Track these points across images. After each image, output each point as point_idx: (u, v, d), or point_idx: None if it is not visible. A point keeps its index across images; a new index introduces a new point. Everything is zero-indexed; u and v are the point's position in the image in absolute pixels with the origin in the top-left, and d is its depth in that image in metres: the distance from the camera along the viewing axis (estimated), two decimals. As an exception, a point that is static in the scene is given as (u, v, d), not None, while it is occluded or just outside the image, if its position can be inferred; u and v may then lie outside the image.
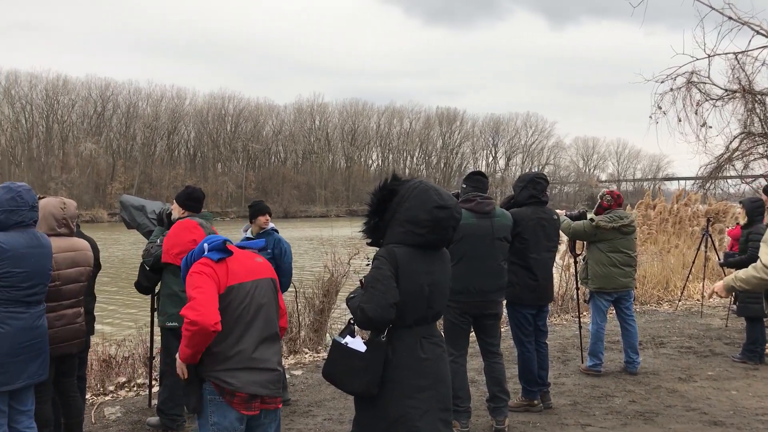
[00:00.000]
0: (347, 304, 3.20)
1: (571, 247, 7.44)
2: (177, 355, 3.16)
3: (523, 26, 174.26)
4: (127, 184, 74.02)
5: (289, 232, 6.61)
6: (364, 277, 3.17)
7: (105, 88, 78.63)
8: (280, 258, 6.29)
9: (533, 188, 5.63)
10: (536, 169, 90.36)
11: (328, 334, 8.96)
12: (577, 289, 7.82)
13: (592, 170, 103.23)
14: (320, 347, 8.44)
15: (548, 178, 6.05)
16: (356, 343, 3.09)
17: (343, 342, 3.14)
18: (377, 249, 3.24)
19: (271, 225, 6.68)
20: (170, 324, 5.25)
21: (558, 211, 6.31)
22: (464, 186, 5.24)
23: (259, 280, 3.28)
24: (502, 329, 7.43)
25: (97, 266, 4.95)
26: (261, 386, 3.17)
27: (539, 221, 5.56)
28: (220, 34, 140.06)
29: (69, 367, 4.60)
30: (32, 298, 3.92)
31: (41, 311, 4.01)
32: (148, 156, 79.87)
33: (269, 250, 6.50)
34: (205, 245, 3.19)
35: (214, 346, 3.11)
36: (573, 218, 6.85)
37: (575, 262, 7.59)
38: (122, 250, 30.52)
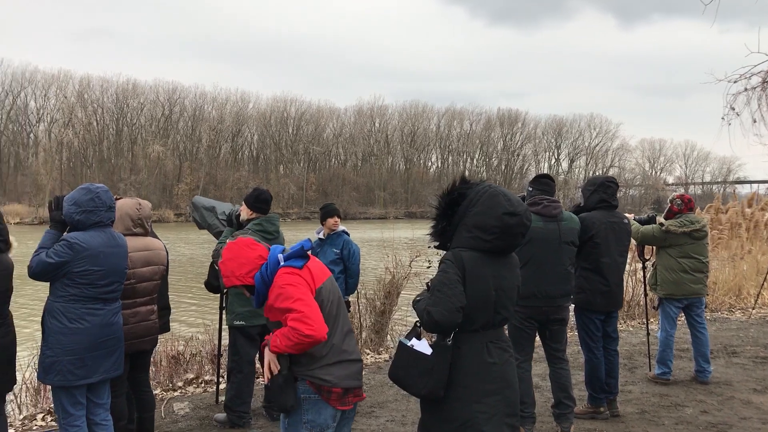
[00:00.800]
0: (413, 307, 3.20)
1: (640, 252, 7.25)
2: (267, 349, 3.11)
3: (591, 25, 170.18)
4: (193, 185, 76.00)
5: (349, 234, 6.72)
6: (430, 280, 3.17)
7: (172, 91, 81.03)
8: (348, 259, 6.37)
9: (603, 192, 5.53)
10: (600, 172, 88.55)
11: (389, 336, 9.00)
12: (646, 295, 7.61)
13: (658, 173, 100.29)
14: (381, 348, 8.48)
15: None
16: (422, 346, 3.10)
17: (409, 344, 3.15)
18: (443, 252, 3.23)
19: (341, 227, 6.79)
20: (237, 323, 5.39)
21: (626, 215, 6.17)
22: (530, 189, 5.18)
23: (330, 276, 3.31)
24: (568, 334, 7.31)
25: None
26: (353, 378, 3.17)
27: (610, 225, 5.46)
28: (283, 38, 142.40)
29: (142, 362, 4.77)
30: (109, 296, 4.07)
31: (117, 308, 4.17)
32: (213, 158, 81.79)
33: (337, 251, 6.60)
34: (280, 256, 3.17)
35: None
36: (642, 222, 6.67)
37: (644, 268, 7.40)
38: (191, 249, 31.32)
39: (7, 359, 4.22)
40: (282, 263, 3.14)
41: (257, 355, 5.62)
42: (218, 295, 5.93)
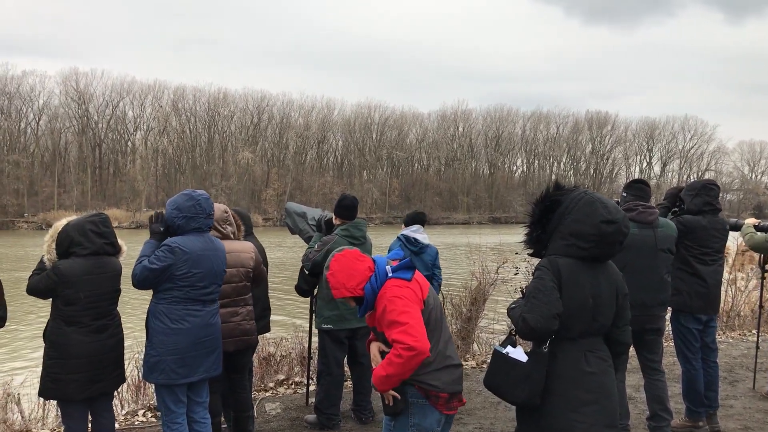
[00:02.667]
0: (508, 314, 3.18)
1: (760, 262, 6.84)
2: (377, 383, 3.13)
3: (695, 21, 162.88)
4: (280, 190, 77.94)
5: (432, 239, 6.69)
6: (525, 287, 3.14)
7: (261, 100, 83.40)
8: (433, 268, 6.45)
9: (707, 195, 5.34)
10: (695, 176, 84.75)
11: (475, 344, 8.93)
12: (761, 306, 7.20)
13: (759, 177, 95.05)
14: (468, 355, 8.42)
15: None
16: (518, 353, 3.08)
17: (504, 352, 3.13)
18: (532, 258, 3.19)
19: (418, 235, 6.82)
20: (325, 326, 5.49)
21: (748, 220, 5.94)
22: (625, 194, 5.05)
23: (430, 285, 3.34)
24: (665, 344, 7.04)
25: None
26: (457, 383, 3.20)
27: (711, 230, 5.26)
28: (370, 44, 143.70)
29: (238, 363, 4.92)
30: (207, 297, 4.24)
31: (215, 310, 4.34)
32: (299, 164, 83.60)
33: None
34: (388, 267, 3.21)
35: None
36: (761, 229, 6.30)
37: (762, 278, 6.99)
38: (281, 253, 32.04)
39: (115, 358, 4.47)
40: (390, 275, 3.17)
41: (345, 358, 5.70)
42: (308, 298, 6.07)
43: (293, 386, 6.97)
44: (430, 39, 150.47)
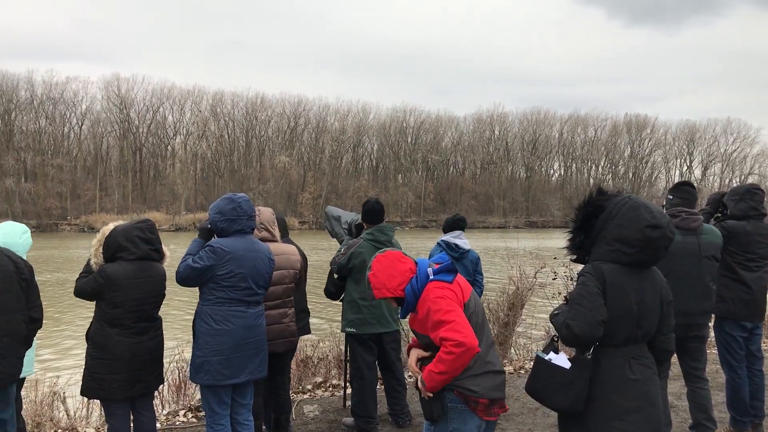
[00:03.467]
0: (551, 321, 3.15)
1: None
2: (421, 380, 3.14)
3: (744, 21, 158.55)
4: (316, 194, 78.47)
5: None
6: (569, 293, 3.11)
7: (297, 104, 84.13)
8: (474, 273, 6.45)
9: (751, 199, 5.22)
10: (738, 179, 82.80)
11: (512, 349, 8.86)
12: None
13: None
14: (505, 360, 8.36)
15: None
16: (560, 360, 3.04)
17: (546, 358, 3.11)
18: (571, 263, 3.16)
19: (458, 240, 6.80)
20: (349, 330, 5.50)
21: None
22: (670, 197, 4.96)
23: (472, 290, 3.33)
24: (708, 351, 6.90)
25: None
26: (498, 390, 3.17)
27: (756, 235, 5.15)
28: (405, 47, 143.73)
29: (280, 365, 4.97)
30: (251, 298, 4.30)
31: (260, 311, 4.39)
32: (335, 168, 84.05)
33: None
34: (429, 270, 3.21)
35: None
36: None
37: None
38: (317, 255, 32.07)
39: (155, 359, 4.56)
40: (432, 277, 3.17)
41: (376, 361, 5.69)
42: (336, 301, 6.09)
43: (330, 389, 7.01)
44: (468, 41, 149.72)
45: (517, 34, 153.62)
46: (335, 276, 5.67)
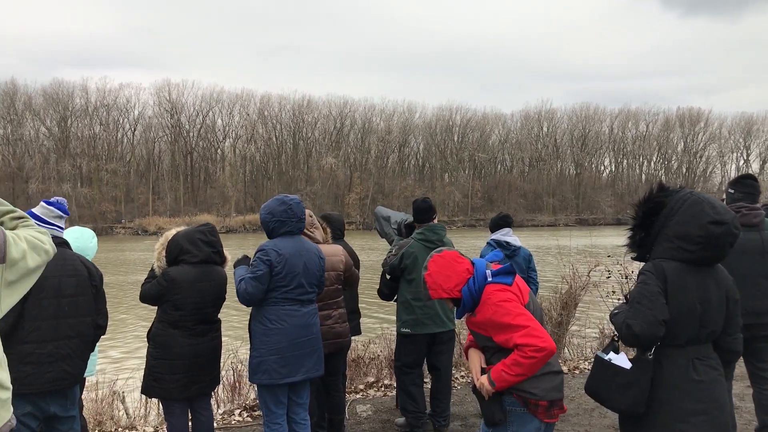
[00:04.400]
0: (611, 320, 3.08)
1: None
2: (486, 377, 3.10)
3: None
4: (362, 194, 78.83)
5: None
6: (629, 292, 3.03)
7: (343, 105, 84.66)
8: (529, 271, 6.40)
9: None
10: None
11: (566, 349, 8.72)
12: None
13: None
14: (559, 360, 8.23)
15: None
16: (621, 360, 2.97)
17: (606, 358, 3.04)
18: (630, 262, 3.07)
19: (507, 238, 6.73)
20: (403, 330, 5.47)
21: None
22: (731, 191, 4.79)
23: (530, 290, 3.28)
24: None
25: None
26: (557, 390, 3.12)
27: None
28: (450, 45, 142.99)
29: (332, 365, 4.99)
30: (304, 297, 4.34)
31: (314, 310, 4.42)
32: (381, 168, 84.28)
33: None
34: (488, 271, 3.17)
35: None
36: None
37: None
38: (365, 256, 32.21)
39: (214, 360, 4.64)
40: (490, 279, 3.13)
41: (424, 359, 5.65)
42: (390, 302, 6.08)
43: (383, 389, 7.01)
44: (513, 37, 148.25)
45: (564, 29, 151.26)
46: (387, 277, 5.66)
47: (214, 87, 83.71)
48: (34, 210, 3.95)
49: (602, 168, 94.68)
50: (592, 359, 8.25)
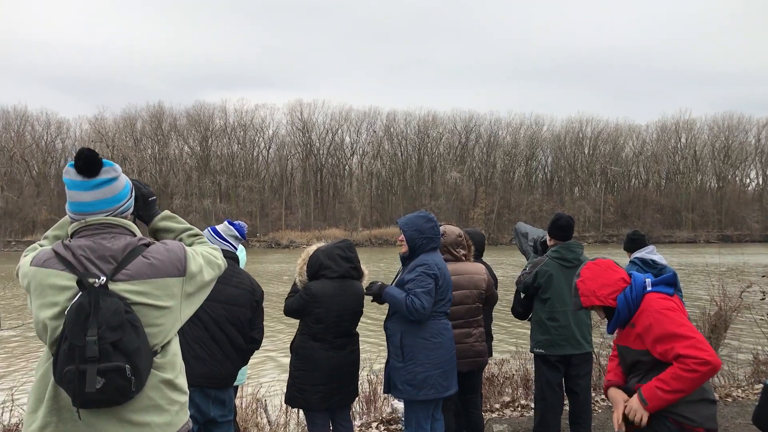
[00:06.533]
0: None
1: None
2: (637, 397, 2.95)
3: None
4: (488, 209, 78.08)
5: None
6: None
7: (468, 119, 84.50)
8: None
9: None
10: None
11: (716, 376, 8.14)
12: None
13: None
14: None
15: None
16: None
17: None
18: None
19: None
20: (537, 350, 5.33)
21: None
22: None
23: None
24: None
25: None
26: (713, 420, 2.95)
27: None
28: (578, 55, 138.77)
29: (470, 383, 4.96)
30: (449, 311, 4.43)
31: (450, 325, 4.49)
32: (507, 182, 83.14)
33: None
34: (647, 280, 3.07)
35: None
36: None
37: None
38: (498, 272, 31.76)
39: (353, 372, 4.74)
40: (650, 288, 3.02)
41: (561, 383, 5.46)
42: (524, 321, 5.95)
43: (519, 408, 6.86)
44: (647, 44, 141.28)
45: (703, 34, 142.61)
46: (521, 295, 5.55)
47: (343, 105, 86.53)
48: (217, 227, 4.29)
49: (747, 181, 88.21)
50: (746, 387, 7.68)
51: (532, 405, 6.40)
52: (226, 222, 4.34)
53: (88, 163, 2.31)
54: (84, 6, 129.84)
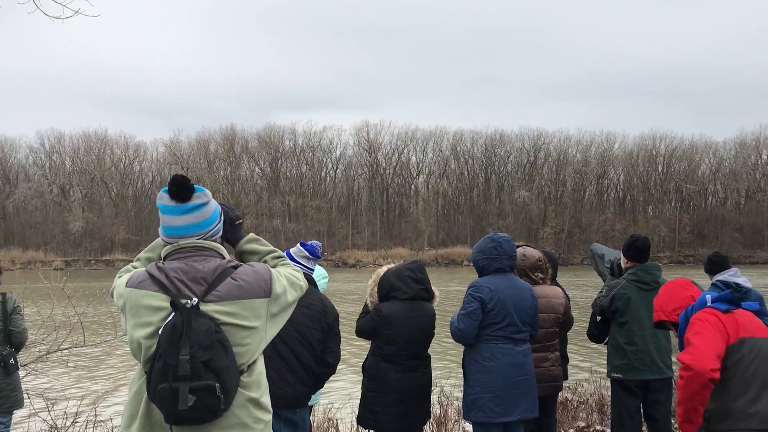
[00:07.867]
0: None
1: None
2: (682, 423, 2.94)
3: None
4: (558, 228, 76.62)
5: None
6: None
7: (537, 138, 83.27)
8: None
9: None
10: None
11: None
12: None
13: None
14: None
15: None
16: None
17: None
18: None
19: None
20: (614, 375, 5.20)
21: None
22: None
23: None
24: None
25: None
26: None
27: None
28: (651, 70, 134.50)
29: (544, 407, 4.86)
30: (518, 336, 4.33)
31: (528, 350, 4.39)
32: (577, 201, 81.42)
33: None
34: (708, 297, 3.03)
35: (731, 401, 2.83)
36: None
37: None
38: (577, 293, 30.94)
39: (424, 394, 4.74)
40: (709, 304, 3.01)
41: (639, 408, 5.29)
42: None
43: (595, 435, 6.70)
44: (724, 57, 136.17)
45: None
46: (597, 318, 5.45)
47: (408, 125, 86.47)
48: (290, 249, 4.27)
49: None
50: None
51: (608, 431, 6.25)
52: (299, 243, 4.36)
53: (181, 188, 2.42)
54: (163, 36, 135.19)
